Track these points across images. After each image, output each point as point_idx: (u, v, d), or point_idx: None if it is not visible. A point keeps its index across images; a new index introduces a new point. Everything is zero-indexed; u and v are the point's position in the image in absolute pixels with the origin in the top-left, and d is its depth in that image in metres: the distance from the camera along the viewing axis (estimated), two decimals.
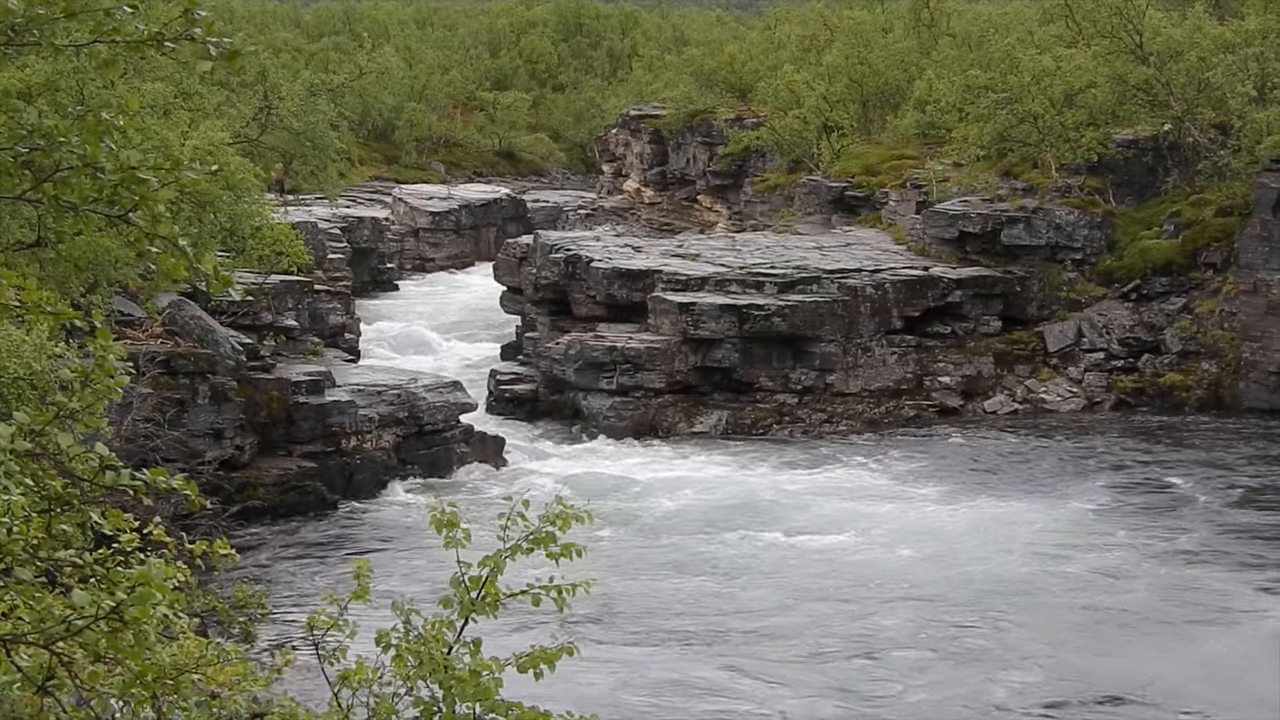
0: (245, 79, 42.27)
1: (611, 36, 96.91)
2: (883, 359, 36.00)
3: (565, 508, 6.89)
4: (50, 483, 6.60)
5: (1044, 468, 30.29)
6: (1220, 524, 26.02)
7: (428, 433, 30.65)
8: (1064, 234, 37.94)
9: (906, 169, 43.63)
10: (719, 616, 22.19)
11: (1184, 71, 37.98)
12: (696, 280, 36.11)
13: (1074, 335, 36.97)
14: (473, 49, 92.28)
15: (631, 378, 34.73)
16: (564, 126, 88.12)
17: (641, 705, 18.70)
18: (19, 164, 6.02)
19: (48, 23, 5.91)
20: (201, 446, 26.48)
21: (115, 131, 5.71)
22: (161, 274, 7.10)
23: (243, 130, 38.88)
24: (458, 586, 6.83)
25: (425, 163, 77.88)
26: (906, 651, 20.42)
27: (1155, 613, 21.58)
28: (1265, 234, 34.22)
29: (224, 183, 25.01)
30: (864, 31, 54.40)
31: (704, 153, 58.82)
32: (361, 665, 6.96)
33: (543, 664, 6.72)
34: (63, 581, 6.53)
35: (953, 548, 24.98)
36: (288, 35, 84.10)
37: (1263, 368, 34.36)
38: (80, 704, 6.12)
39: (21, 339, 13.24)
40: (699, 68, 61.93)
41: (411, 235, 60.93)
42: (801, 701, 18.77)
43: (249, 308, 30.01)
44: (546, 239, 40.55)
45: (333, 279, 40.82)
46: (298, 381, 29.09)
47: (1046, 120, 39.07)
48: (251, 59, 40.97)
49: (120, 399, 7.04)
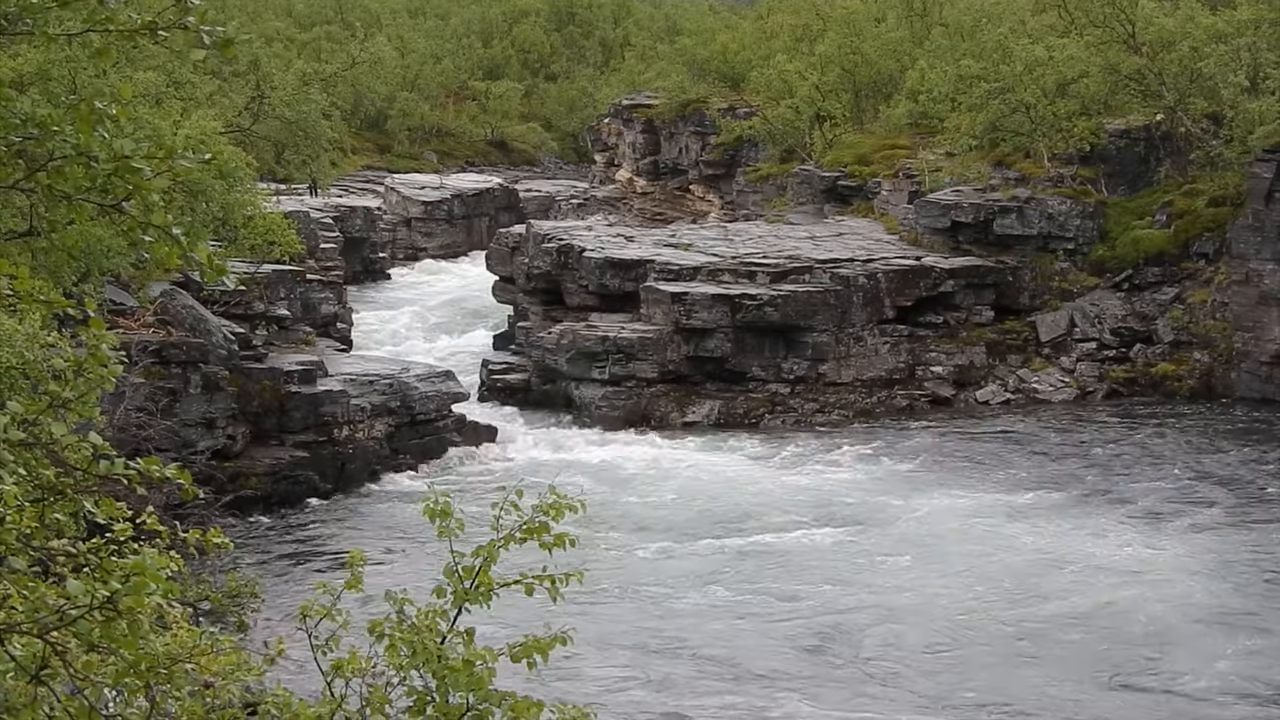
0: (237, 68, 42.28)
1: (604, 26, 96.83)
2: (875, 349, 36.02)
3: (558, 497, 6.89)
4: (43, 472, 6.60)
5: (1037, 458, 30.31)
6: (1212, 514, 26.06)
7: (420, 422, 30.67)
8: (1056, 224, 37.95)
9: (899, 159, 43.63)
10: (707, 611, 22.22)
11: (1176, 61, 37.99)
12: (689, 270, 36.10)
13: (1066, 325, 36.99)
14: (465, 38, 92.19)
15: (624, 367, 34.73)
16: (556, 116, 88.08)
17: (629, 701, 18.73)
18: (12, 153, 6.01)
19: (41, 11, 5.90)
20: (194, 436, 26.49)
21: (108, 120, 5.70)
22: (154, 263, 7.10)
23: (235, 119, 38.86)
24: (451, 576, 6.83)
25: (418, 152, 77.84)
26: (886, 644, 20.44)
27: (1152, 610, 21.55)
28: (1257, 224, 34.26)
29: (216, 172, 24.97)
30: (856, 21, 54.39)
31: (696, 142, 58.77)
32: (355, 655, 6.96)
33: (536, 654, 6.72)
34: (56, 571, 6.53)
35: (943, 540, 25.01)
36: (280, 24, 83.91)
37: (1255, 358, 34.40)
38: (74, 693, 6.12)
39: (14, 328, 13.23)
40: (691, 57, 61.87)
41: (404, 225, 60.92)
42: (801, 703, 18.77)
43: (241, 297, 29.98)
44: (539, 229, 40.52)
45: (325, 268, 40.81)
46: (290, 371, 29.08)
47: (1039, 110, 39.08)
48: (244, 48, 40.90)
49: (113, 388, 7.04)
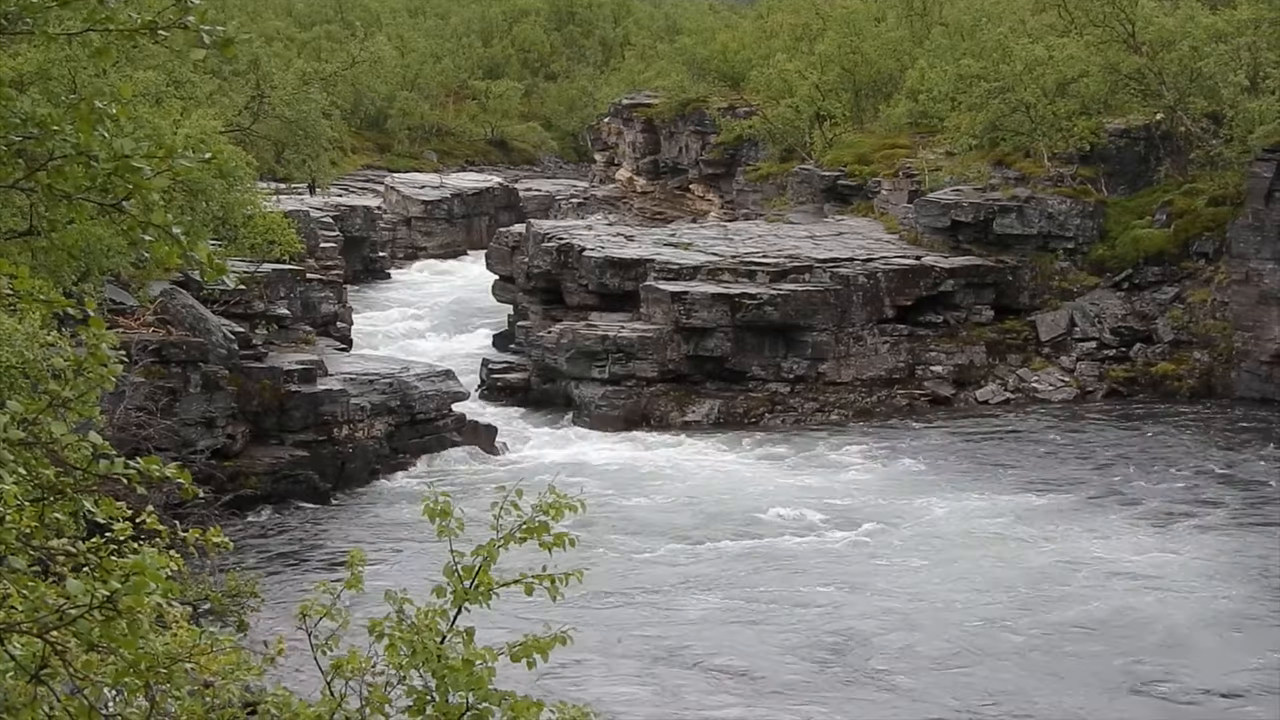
0: (237, 68, 42.27)
1: (604, 25, 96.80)
2: (875, 348, 36.01)
3: (558, 497, 6.88)
4: (43, 471, 6.60)
5: (1041, 458, 30.28)
6: (1211, 514, 26.06)
7: (420, 421, 30.66)
8: (1056, 223, 37.95)
9: (899, 158, 43.62)
10: (701, 612, 22.22)
11: (1176, 61, 37.99)
12: (689, 269, 36.09)
13: (1066, 324, 36.99)
14: (465, 38, 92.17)
15: (623, 367, 34.72)
16: (556, 115, 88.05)
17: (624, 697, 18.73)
18: (12, 152, 6.01)
19: (41, 11, 5.90)
20: (193, 435, 26.48)
21: (108, 120, 5.70)
22: (154, 262, 7.10)
23: (235, 119, 38.86)
24: (451, 575, 6.82)
25: (418, 151, 77.83)
26: (898, 650, 20.42)
27: (1172, 618, 21.38)
28: (1257, 223, 34.26)
29: (216, 171, 24.96)
30: (856, 20, 54.37)
31: (696, 142, 58.75)
32: (354, 654, 6.96)
33: (536, 653, 6.72)
34: (56, 570, 6.53)
35: (953, 543, 24.94)
36: (280, 24, 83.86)
37: (1254, 357, 34.40)
38: (74, 693, 6.12)
39: (14, 327, 13.22)
40: (691, 56, 61.86)
41: (404, 224, 60.93)
42: (813, 713, 18.75)
43: (241, 296, 29.96)
44: (539, 228, 40.52)
45: (325, 267, 40.80)
46: (290, 370, 29.07)
47: (1039, 109, 39.08)
48: (244, 47, 40.89)
49: (113, 388, 7.03)
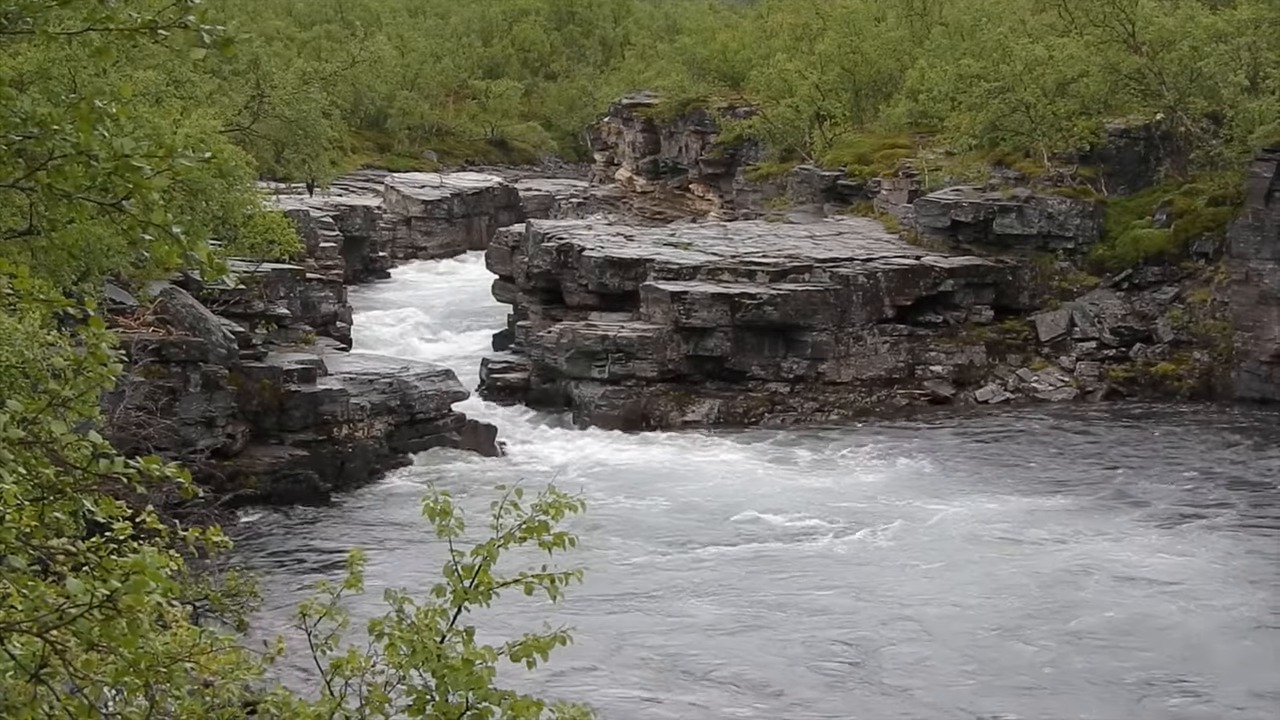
0: (237, 67, 42.25)
1: (604, 25, 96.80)
2: (875, 348, 36.01)
3: (558, 497, 6.88)
4: (43, 470, 6.60)
5: (1043, 459, 30.26)
6: (1220, 515, 26.04)
7: (420, 421, 30.67)
8: (1056, 223, 37.94)
9: (899, 158, 43.61)
10: (699, 613, 22.21)
11: (1176, 61, 37.98)
12: (688, 269, 36.09)
13: (1066, 324, 36.98)
14: (465, 37, 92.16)
15: (623, 367, 34.71)
16: (556, 115, 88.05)
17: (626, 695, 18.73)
18: (12, 151, 6.01)
19: (41, 10, 5.90)
20: (193, 435, 26.48)
21: (108, 119, 5.70)
22: (154, 262, 7.10)
23: (235, 118, 38.85)
24: (450, 575, 6.82)
25: (417, 151, 77.82)
26: (911, 660, 20.40)
27: (1191, 625, 21.29)
28: (1257, 223, 34.26)
29: (216, 170, 24.96)
30: (856, 20, 54.37)
31: (696, 141, 58.75)
32: (354, 654, 6.96)
33: (536, 653, 6.72)
34: (56, 569, 6.53)
35: (962, 546, 24.90)
36: (280, 23, 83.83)
37: (1254, 357, 34.40)
38: (73, 692, 6.12)
39: (14, 327, 13.22)
40: (691, 56, 61.87)
41: (404, 223, 60.94)
42: (819, 715, 18.75)
43: (241, 296, 29.95)
44: (538, 228, 40.51)
45: (325, 267, 40.80)
46: (289, 370, 29.07)
47: (1039, 109, 39.07)
48: (244, 47, 40.89)
49: (113, 387, 7.04)
